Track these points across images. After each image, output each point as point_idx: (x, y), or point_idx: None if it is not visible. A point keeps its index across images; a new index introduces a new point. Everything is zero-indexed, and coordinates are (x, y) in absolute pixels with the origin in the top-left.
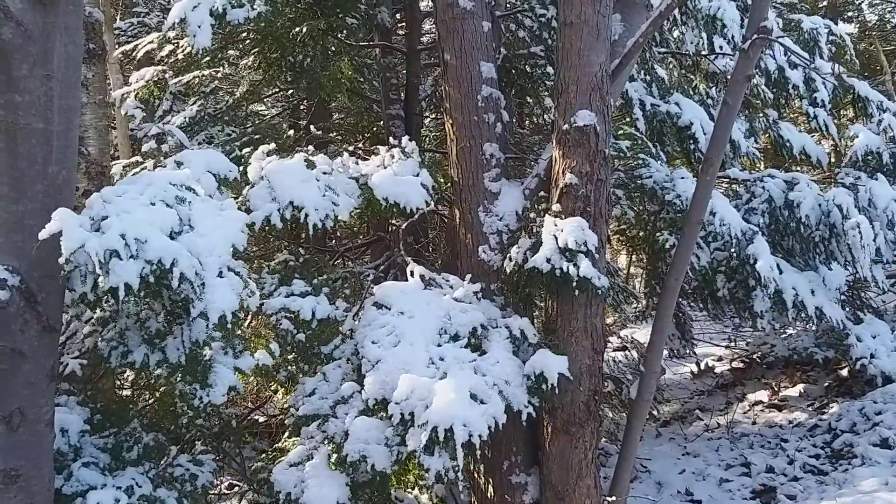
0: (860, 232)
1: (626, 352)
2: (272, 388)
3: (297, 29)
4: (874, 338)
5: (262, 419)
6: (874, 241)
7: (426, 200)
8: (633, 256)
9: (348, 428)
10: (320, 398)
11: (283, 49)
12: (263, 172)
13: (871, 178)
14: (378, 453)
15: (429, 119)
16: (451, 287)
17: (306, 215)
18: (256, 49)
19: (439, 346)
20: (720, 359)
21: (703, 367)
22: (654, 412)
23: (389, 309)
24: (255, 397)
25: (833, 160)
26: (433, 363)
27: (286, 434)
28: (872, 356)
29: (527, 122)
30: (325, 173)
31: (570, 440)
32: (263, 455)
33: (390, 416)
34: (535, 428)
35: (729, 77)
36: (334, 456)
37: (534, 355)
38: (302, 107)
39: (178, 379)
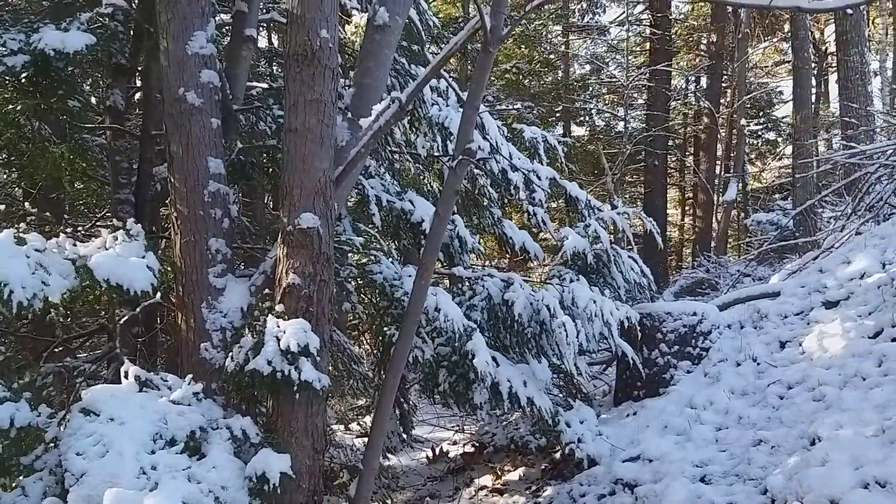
0: (566, 330)
1: None
2: None
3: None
4: (582, 423)
5: None
6: (577, 337)
7: (153, 284)
8: (370, 347)
9: None
10: None
11: None
12: None
13: (577, 276)
14: None
15: None
16: (170, 388)
17: (11, 292)
18: None
19: (153, 453)
20: (455, 443)
21: (437, 452)
22: (389, 501)
23: (98, 415)
24: None
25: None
26: (145, 473)
27: None
28: (580, 440)
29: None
30: (37, 251)
31: None
32: None
33: None
34: None
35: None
36: None
37: (256, 455)
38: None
39: None
